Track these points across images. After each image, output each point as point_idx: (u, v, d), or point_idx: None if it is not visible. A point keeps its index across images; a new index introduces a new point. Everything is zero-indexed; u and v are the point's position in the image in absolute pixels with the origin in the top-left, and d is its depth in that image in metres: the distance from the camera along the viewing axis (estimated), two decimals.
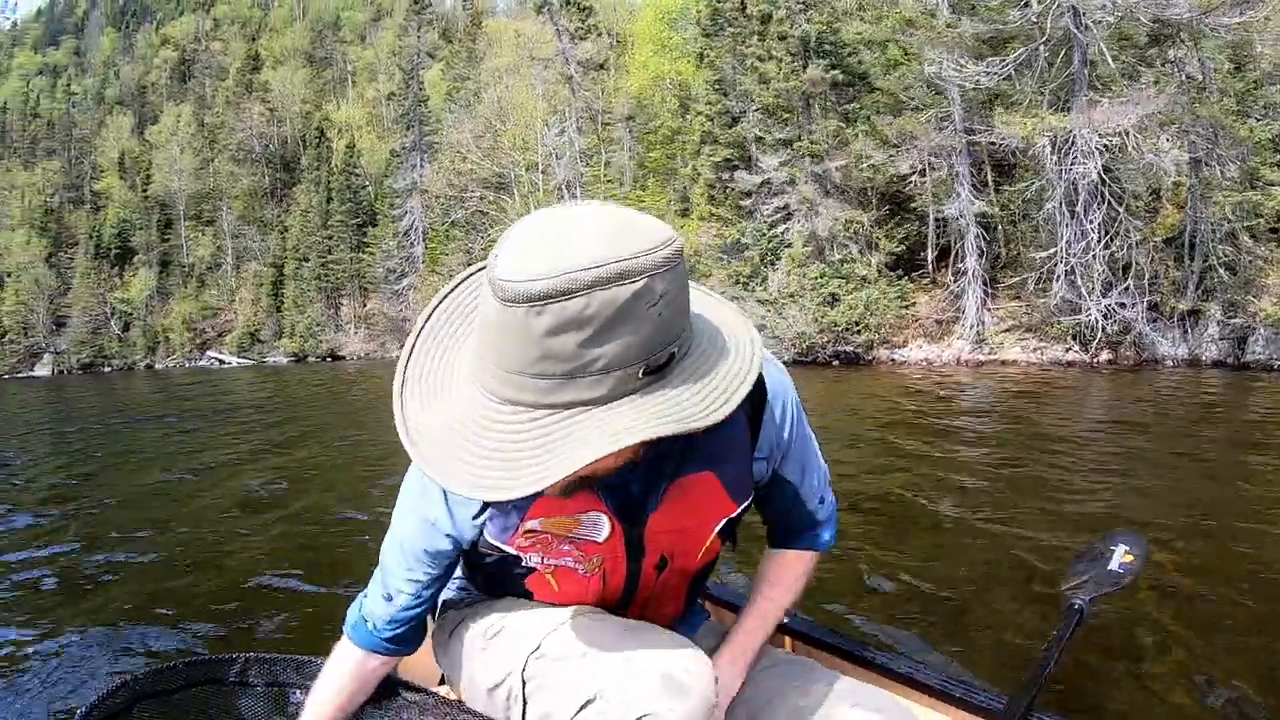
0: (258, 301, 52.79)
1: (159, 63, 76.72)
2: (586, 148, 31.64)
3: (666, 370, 0.80)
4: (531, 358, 0.76)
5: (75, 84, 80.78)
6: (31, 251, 62.07)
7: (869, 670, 1.45)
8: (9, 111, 77.70)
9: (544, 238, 0.76)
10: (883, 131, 18.60)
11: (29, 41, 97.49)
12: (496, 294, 0.76)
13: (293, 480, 7.50)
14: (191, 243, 59.62)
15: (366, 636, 1.18)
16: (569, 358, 0.75)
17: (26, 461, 11.03)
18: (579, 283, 0.72)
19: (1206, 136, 15.06)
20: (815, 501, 1.26)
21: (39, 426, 16.88)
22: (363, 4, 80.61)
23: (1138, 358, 15.82)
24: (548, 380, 0.76)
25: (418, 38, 46.43)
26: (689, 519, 1.09)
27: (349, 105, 60.05)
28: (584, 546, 1.08)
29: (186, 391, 25.38)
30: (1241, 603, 3.47)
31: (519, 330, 0.75)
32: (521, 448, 0.77)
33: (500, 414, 0.79)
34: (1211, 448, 7.05)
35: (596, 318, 0.73)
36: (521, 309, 0.74)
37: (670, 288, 0.78)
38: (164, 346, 57.36)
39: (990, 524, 4.70)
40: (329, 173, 48.99)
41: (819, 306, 19.11)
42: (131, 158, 64.88)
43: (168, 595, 4.19)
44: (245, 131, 59.67)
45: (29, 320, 61.09)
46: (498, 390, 0.80)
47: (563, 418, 0.77)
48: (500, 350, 0.78)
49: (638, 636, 1.03)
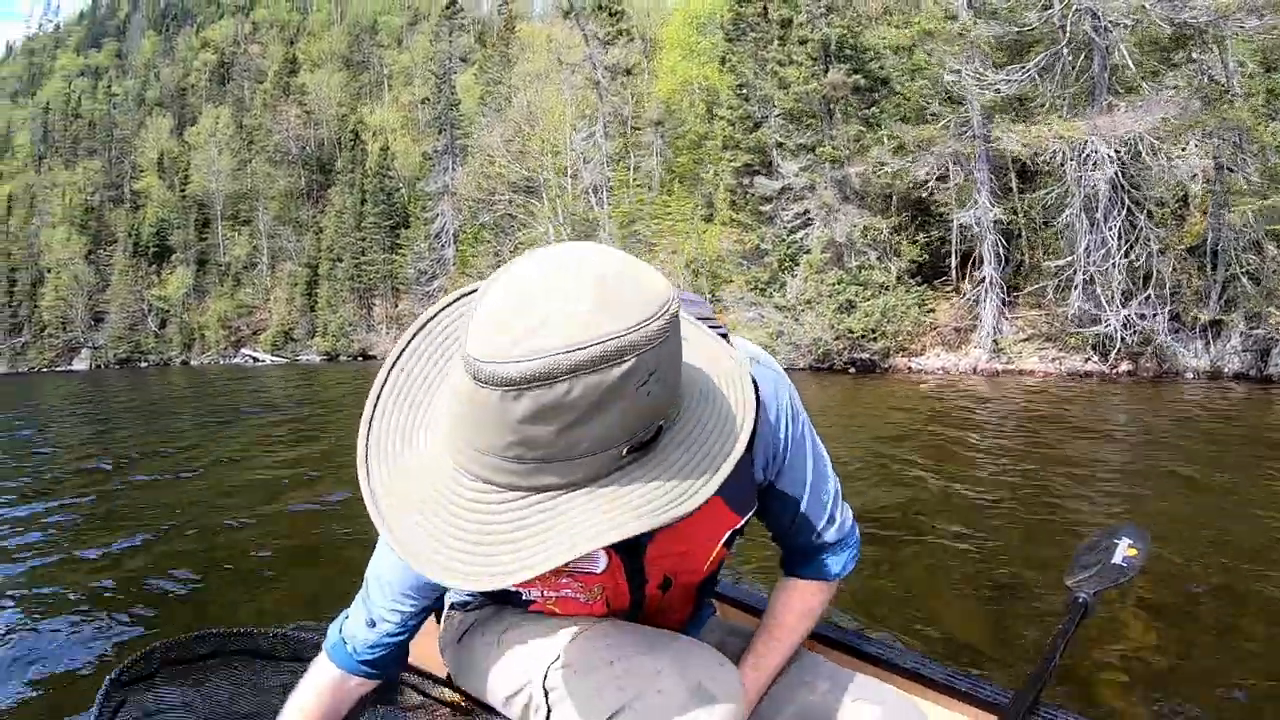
0: (292, 301, 53.51)
1: (198, 65, 77.51)
2: (614, 152, 31.79)
3: (653, 445, 0.74)
4: (505, 442, 0.69)
5: (116, 85, 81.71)
6: (72, 248, 63.42)
7: (874, 665, 1.44)
8: (51, 112, 79.33)
9: (522, 308, 0.68)
10: (899, 138, 18.86)
11: (71, 43, 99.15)
12: (469, 372, 0.68)
13: (319, 470, 7.68)
14: (228, 242, 60.56)
15: (345, 658, 1.13)
16: (546, 444, 0.69)
17: (61, 448, 11.46)
18: (560, 367, 0.65)
19: (1231, 140, 14.74)
20: (823, 521, 1.17)
21: (75, 417, 17.36)
22: (400, 8, 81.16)
23: (1158, 369, 15.41)
24: (523, 464, 0.71)
25: (449, 43, 46.94)
26: (691, 541, 1.05)
27: (384, 109, 60.73)
28: (583, 578, 1.05)
29: (220, 387, 25.78)
30: (1248, 599, 3.50)
31: (493, 413, 0.68)
32: (495, 534, 0.71)
33: (473, 492, 0.74)
34: (1226, 460, 6.89)
35: (579, 404, 0.66)
36: (496, 392, 0.66)
37: (663, 362, 0.71)
38: (199, 343, 58.46)
39: (996, 527, 4.73)
40: (363, 175, 49.46)
41: (835, 313, 19.00)
42: (170, 158, 66.03)
43: (192, 575, 4.35)
44: (282, 133, 60.43)
45: (68, 315, 62.53)
46: (468, 466, 0.74)
47: (539, 502, 0.72)
48: (472, 429, 0.71)
49: (663, 646, 1.00)
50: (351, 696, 1.16)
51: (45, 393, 28.89)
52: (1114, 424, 9.69)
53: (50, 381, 41.62)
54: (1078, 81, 16.33)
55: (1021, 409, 11.18)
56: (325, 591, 4.01)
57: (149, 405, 19.47)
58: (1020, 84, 16.73)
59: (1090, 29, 15.60)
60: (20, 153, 79.68)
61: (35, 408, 20.52)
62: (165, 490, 7.30)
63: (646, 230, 27.86)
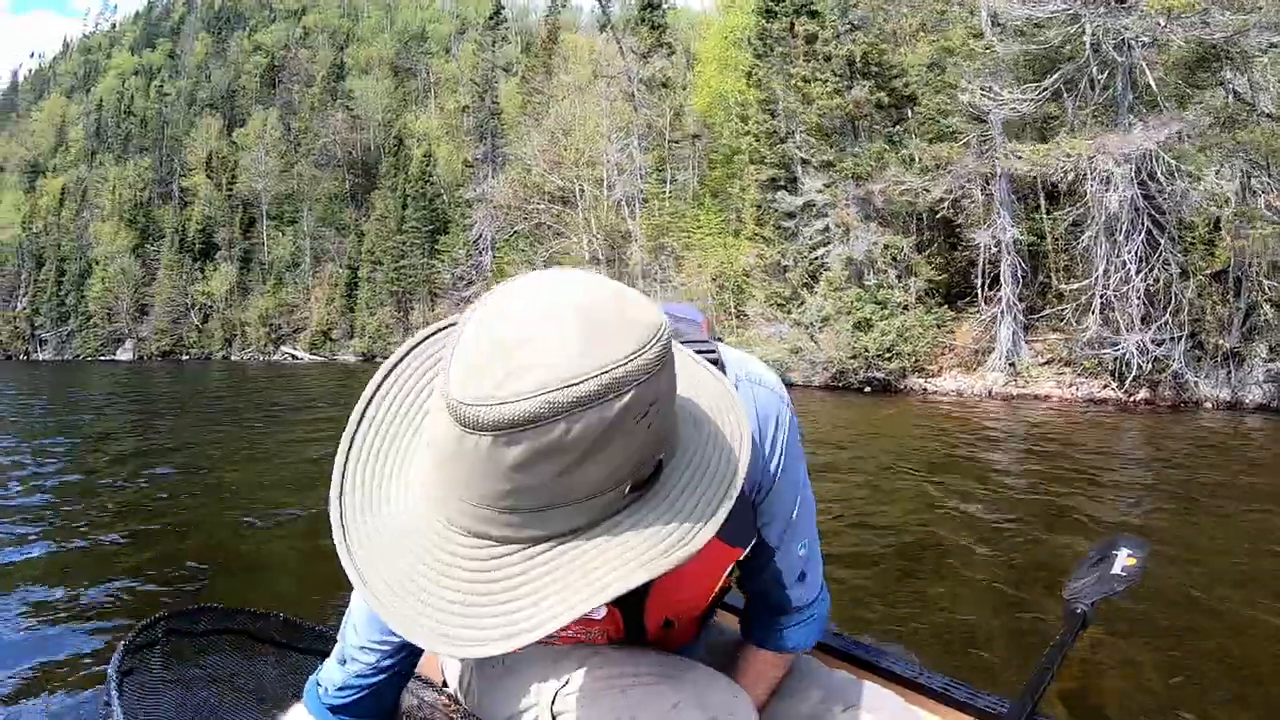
0: (331, 301, 54.31)
1: (249, 68, 78.29)
2: (650, 165, 31.88)
3: (654, 481, 0.69)
4: (499, 492, 0.63)
5: (168, 85, 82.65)
6: (120, 242, 65.02)
7: (872, 673, 1.44)
8: (105, 109, 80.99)
9: (507, 346, 0.62)
10: (916, 156, 18.67)
11: (126, 43, 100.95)
12: (454, 418, 0.62)
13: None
14: (272, 241, 61.71)
15: (314, 701, 1.04)
16: (543, 490, 0.63)
17: (101, 432, 11.98)
18: (556, 406, 0.60)
19: (1255, 161, 14.21)
20: (793, 576, 1.09)
21: (121, 404, 18.00)
22: (449, 17, 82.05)
23: (1177, 398, 14.85)
24: (518, 515, 0.65)
25: (492, 52, 47.61)
26: (692, 587, 1.02)
27: (428, 115, 61.64)
28: (581, 623, 1.01)
29: (261, 384, 26.29)
30: (1245, 611, 3.56)
31: (483, 462, 0.62)
32: (490, 598, 0.65)
33: (463, 549, 0.67)
34: (1233, 492, 6.67)
35: (579, 444, 0.61)
36: (487, 438, 0.60)
37: (661, 392, 0.66)
38: (240, 339, 59.59)
39: (995, 546, 4.74)
40: (405, 180, 50.11)
41: (852, 331, 18.75)
42: (219, 158, 67.31)
43: (213, 563, 4.51)
44: (328, 137, 61.55)
45: (114, 307, 64.06)
46: (456, 520, 0.67)
47: (536, 554, 0.66)
48: (460, 481, 0.65)
49: (680, 676, 0.96)
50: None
51: (90, 380, 29.57)
52: (1120, 452, 9.38)
53: (95, 370, 42.51)
54: (1100, 101, 15.95)
55: (1027, 433, 10.95)
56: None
57: (191, 397, 20.14)
58: (1036, 102, 16.36)
59: (1111, 47, 15.25)
60: (74, 147, 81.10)
61: (84, 395, 21.16)
62: (198, 480, 7.46)
63: (676, 243, 28.03)
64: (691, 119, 32.24)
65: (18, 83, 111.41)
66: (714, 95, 31.88)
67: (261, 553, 4.89)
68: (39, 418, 14.86)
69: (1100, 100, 15.90)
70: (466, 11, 75.64)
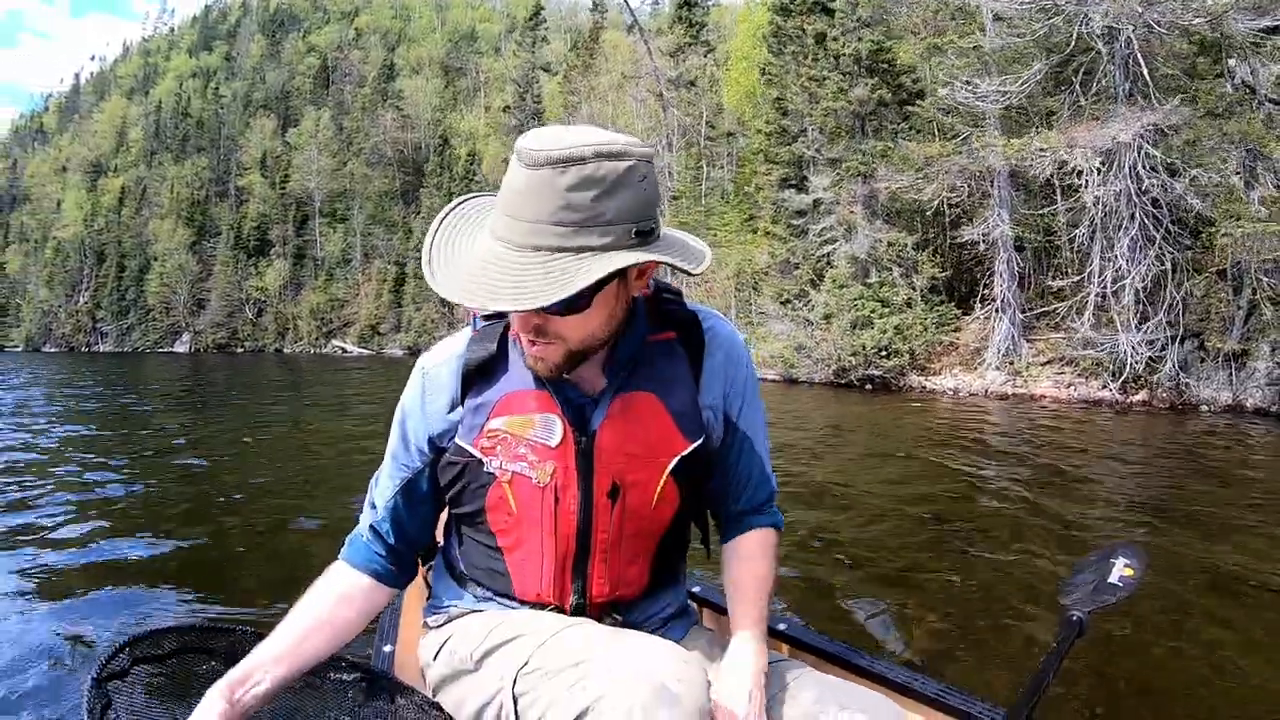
0: (380, 297, 55.68)
1: (303, 69, 79.44)
2: (679, 164, 31.93)
3: (650, 238, 0.99)
4: (554, 208, 0.92)
5: (224, 87, 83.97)
6: (177, 239, 67.25)
7: (866, 679, 1.45)
8: (164, 110, 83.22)
9: (555, 131, 0.96)
10: (908, 154, 18.16)
11: (184, 46, 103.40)
12: (525, 162, 0.93)
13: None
14: (323, 238, 63.48)
15: (351, 550, 1.24)
16: (584, 209, 0.92)
17: (163, 419, 12.65)
18: (590, 153, 0.91)
19: (1255, 153, 13.63)
20: (768, 469, 1.30)
21: (181, 393, 18.84)
22: (499, 16, 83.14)
23: (1176, 399, 14.26)
24: (565, 228, 0.92)
25: (532, 52, 48.07)
26: (637, 441, 1.14)
27: (474, 114, 62.40)
28: (538, 449, 1.12)
29: (313, 376, 27.05)
30: (1242, 619, 3.54)
31: (545, 186, 0.92)
32: (534, 275, 0.93)
33: (521, 255, 0.94)
34: (1217, 500, 6.40)
35: (604, 180, 0.92)
36: (548, 170, 0.91)
37: (649, 174, 0.97)
38: (292, 333, 61.47)
39: (990, 551, 4.65)
40: (450, 179, 51.19)
41: (852, 329, 18.61)
42: (273, 157, 69.41)
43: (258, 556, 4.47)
44: (379, 136, 62.88)
45: (171, 301, 66.41)
46: (517, 239, 0.95)
47: (572, 257, 0.93)
48: (526, 205, 0.93)
49: (629, 646, 1.01)
50: (354, 601, 1.21)
51: (149, 370, 30.68)
52: (1107, 457, 8.95)
53: (153, 360, 44.23)
54: (1098, 94, 15.47)
55: (1015, 435, 10.62)
56: None
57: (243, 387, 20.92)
58: (1019, 95, 15.97)
59: (1095, 35, 14.91)
60: (134, 148, 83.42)
61: (145, 386, 22.02)
62: (243, 469, 7.53)
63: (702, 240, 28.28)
64: (728, 116, 32.24)
65: (80, 85, 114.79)
66: (743, 92, 31.86)
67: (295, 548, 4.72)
68: (130, 407, 15.51)
69: (1097, 93, 15.49)
70: (517, 11, 76.22)
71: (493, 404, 1.13)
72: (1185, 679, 2.92)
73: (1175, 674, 2.97)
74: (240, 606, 3.52)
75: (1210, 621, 3.52)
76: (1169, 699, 2.79)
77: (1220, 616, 3.58)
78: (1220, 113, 13.86)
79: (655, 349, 1.17)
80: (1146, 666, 3.01)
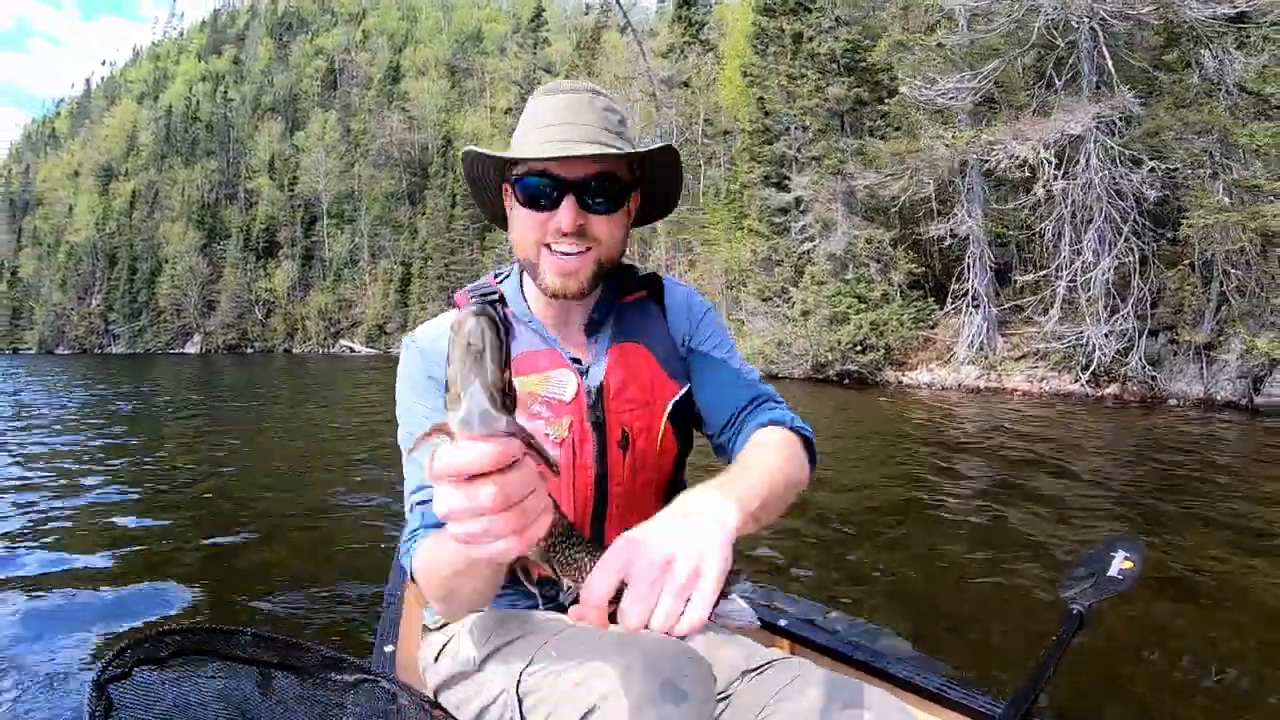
0: (386, 296, 56.15)
1: (310, 71, 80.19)
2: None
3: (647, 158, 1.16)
4: (599, 118, 1.13)
5: (233, 90, 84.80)
6: (188, 241, 68.07)
7: (868, 674, 1.46)
8: (174, 114, 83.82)
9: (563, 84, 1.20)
10: (877, 152, 18.57)
11: (193, 50, 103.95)
12: (563, 89, 1.16)
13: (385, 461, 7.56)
14: (331, 239, 63.93)
15: (410, 557, 1.12)
16: (615, 126, 1.15)
17: (172, 418, 12.93)
18: (594, 89, 1.17)
19: (1223, 142, 13.54)
20: (755, 377, 1.31)
21: (194, 394, 19.04)
22: (505, 16, 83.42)
23: (1146, 392, 14.31)
24: (610, 133, 1.13)
25: (533, 53, 48.18)
26: (638, 387, 1.22)
27: (478, 115, 62.55)
28: (553, 405, 1.16)
29: (322, 377, 27.27)
30: (1238, 613, 3.58)
31: (585, 106, 1.13)
32: (609, 142, 1.13)
33: (589, 144, 1.11)
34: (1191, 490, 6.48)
35: (619, 111, 1.17)
36: (587, 94, 1.14)
37: (628, 117, 1.21)
38: (301, 333, 62.09)
39: (987, 544, 4.68)
40: (454, 179, 51.45)
41: (829, 325, 18.87)
42: (281, 160, 70.13)
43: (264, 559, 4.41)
44: (385, 138, 63.38)
45: (182, 303, 67.21)
46: (575, 138, 1.11)
47: (627, 146, 1.15)
48: (578, 115, 1.13)
49: (633, 643, 1.00)
50: None
51: (161, 371, 30.91)
52: (1072, 446, 9.02)
53: (164, 361, 44.56)
54: (1065, 88, 15.65)
55: (985, 428, 10.63)
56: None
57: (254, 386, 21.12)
58: (977, 93, 16.27)
59: (1052, 28, 15.17)
60: (144, 151, 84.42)
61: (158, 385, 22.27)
62: (255, 470, 7.59)
63: (694, 239, 28.51)
64: (725, 115, 32.39)
65: (90, 90, 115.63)
66: (738, 91, 32.17)
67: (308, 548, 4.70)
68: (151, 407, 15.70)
69: (1069, 87, 15.68)
70: (523, 10, 76.31)
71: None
72: (1155, 674, 2.96)
73: (1150, 666, 3.02)
74: (241, 608, 3.55)
75: (1201, 612, 3.60)
76: (1166, 688, 2.84)
77: (1190, 609, 3.63)
78: (1187, 104, 13.94)
79: (630, 307, 1.28)
80: (1143, 656, 3.07)
